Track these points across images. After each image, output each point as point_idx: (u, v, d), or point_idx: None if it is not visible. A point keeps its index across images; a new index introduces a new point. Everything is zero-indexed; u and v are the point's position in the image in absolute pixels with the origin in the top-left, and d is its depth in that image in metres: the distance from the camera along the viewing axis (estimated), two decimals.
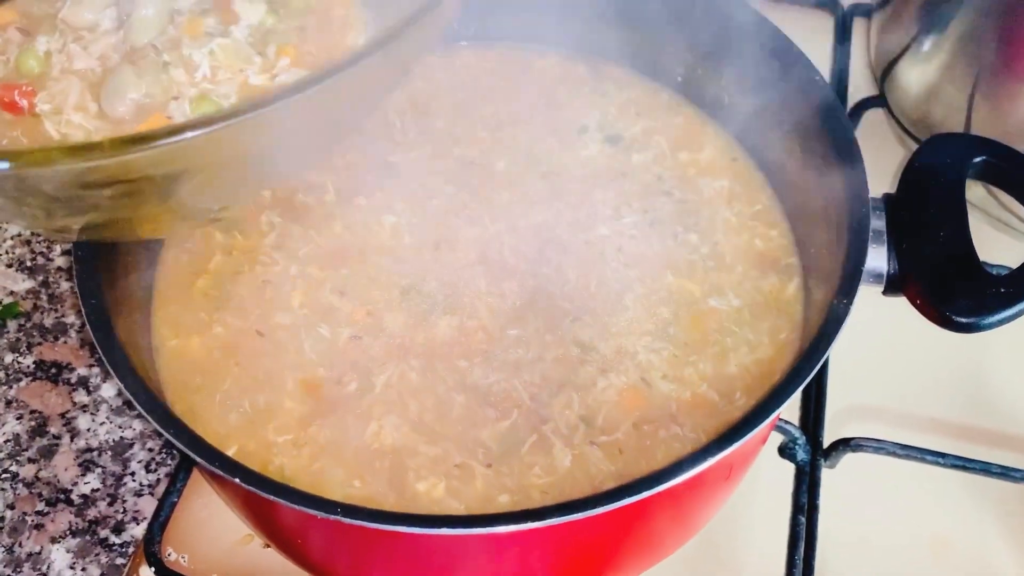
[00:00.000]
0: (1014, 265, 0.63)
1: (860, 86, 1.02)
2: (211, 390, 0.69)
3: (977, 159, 0.64)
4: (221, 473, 0.55)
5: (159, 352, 0.71)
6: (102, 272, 0.67)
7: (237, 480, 0.55)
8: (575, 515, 0.52)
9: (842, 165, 0.67)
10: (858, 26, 1.07)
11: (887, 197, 0.65)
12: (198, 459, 0.57)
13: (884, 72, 0.96)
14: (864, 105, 0.99)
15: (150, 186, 0.52)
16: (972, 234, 0.63)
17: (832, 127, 0.69)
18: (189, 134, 0.46)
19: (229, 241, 0.76)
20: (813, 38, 1.04)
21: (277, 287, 0.74)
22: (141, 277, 0.72)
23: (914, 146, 0.93)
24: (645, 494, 0.54)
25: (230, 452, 0.65)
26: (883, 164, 0.91)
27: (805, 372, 0.58)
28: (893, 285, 0.63)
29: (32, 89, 0.58)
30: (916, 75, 0.90)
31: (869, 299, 0.64)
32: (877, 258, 0.62)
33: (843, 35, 1.06)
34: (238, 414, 0.67)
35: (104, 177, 0.49)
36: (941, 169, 0.63)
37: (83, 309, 0.63)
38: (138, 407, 0.59)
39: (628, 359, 0.70)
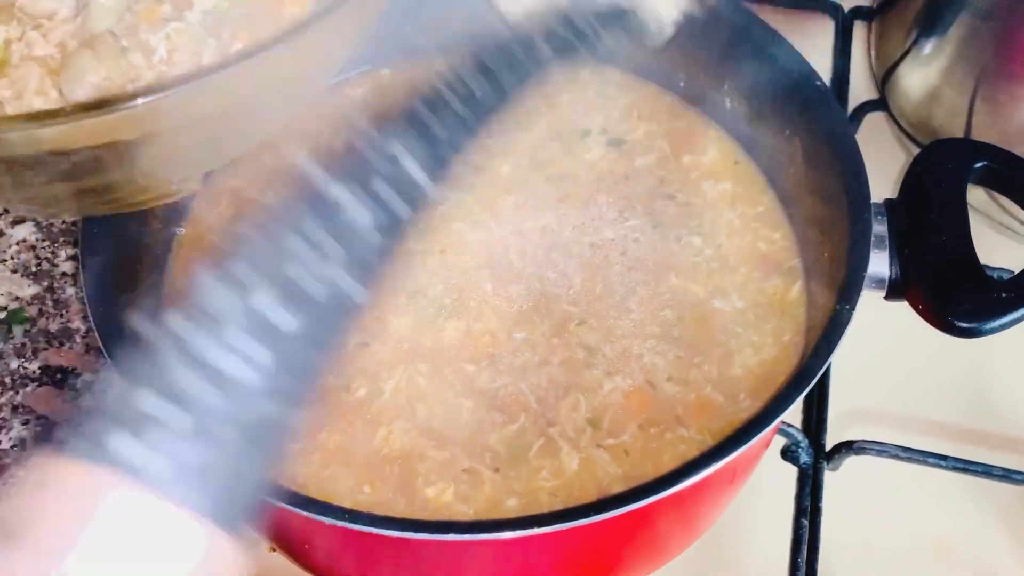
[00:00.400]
0: (1016, 269, 0.63)
1: (861, 89, 1.02)
2: None
3: (978, 164, 0.64)
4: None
5: None
6: (109, 281, 0.67)
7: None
8: (581, 521, 0.53)
9: (843, 170, 0.67)
10: (859, 29, 1.07)
11: (888, 202, 0.65)
12: None
13: (885, 76, 0.97)
14: (865, 108, 0.99)
15: (112, 153, 0.54)
16: (974, 238, 0.63)
17: (833, 132, 0.70)
18: (141, 100, 0.49)
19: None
20: (814, 41, 1.05)
21: None
22: (148, 286, 0.73)
23: (915, 150, 0.93)
24: (651, 499, 0.54)
25: None
26: (884, 168, 0.91)
27: (808, 378, 0.58)
28: (895, 290, 0.63)
29: None
30: (917, 79, 0.91)
31: (872, 303, 0.65)
32: (879, 263, 0.63)
33: (844, 39, 1.06)
34: None
35: (66, 144, 0.51)
36: (942, 174, 0.64)
37: (90, 316, 0.63)
38: None
39: (633, 361, 0.70)
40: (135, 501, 0.35)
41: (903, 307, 0.65)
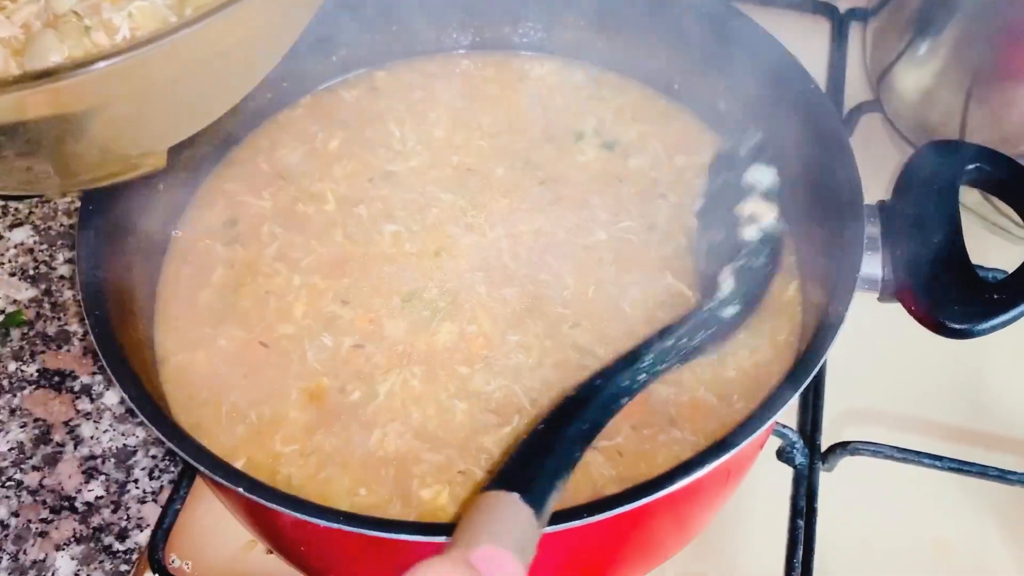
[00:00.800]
0: (1009, 269, 0.63)
1: (857, 90, 1.02)
2: (217, 403, 0.69)
3: (970, 166, 0.64)
4: (226, 483, 0.56)
5: (164, 366, 0.72)
6: (105, 284, 0.67)
7: (241, 490, 0.55)
8: (576, 522, 0.53)
9: (837, 172, 0.67)
10: (854, 31, 1.08)
11: (882, 204, 0.65)
12: (203, 470, 0.57)
13: (880, 77, 0.97)
14: (860, 110, 1.00)
15: (70, 123, 0.55)
16: (968, 239, 0.63)
17: (827, 134, 0.70)
18: (93, 67, 0.50)
19: (231, 254, 0.77)
20: (810, 43, 1.06)
21: (280, 298, 0.74)
22: (143, 289, 0.73)
23: (910, 151, 0.93)
24: (645, 500, 0.54)
25: (239, 464, 0.66)
26: (879, 169, 0.91)
27: (801, 379, 0.58)
28: (888, 291, 0.63)
29: None
30: (911, 80, 0.91)
31: (867, 304, 0.65)
32: (872, 265, 0.63)
33: (839, 40, 1.06)
34: (245, 426, 0.68)
35: (22, 115, 0.52)
36: (935, 176, 0.64)
37: (87, 320, 0.64)
38: (147, 422, 0.59)
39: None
40: None
41: (898, 309, 0.65)
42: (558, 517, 0.53)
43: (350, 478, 0.65)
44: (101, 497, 0.80)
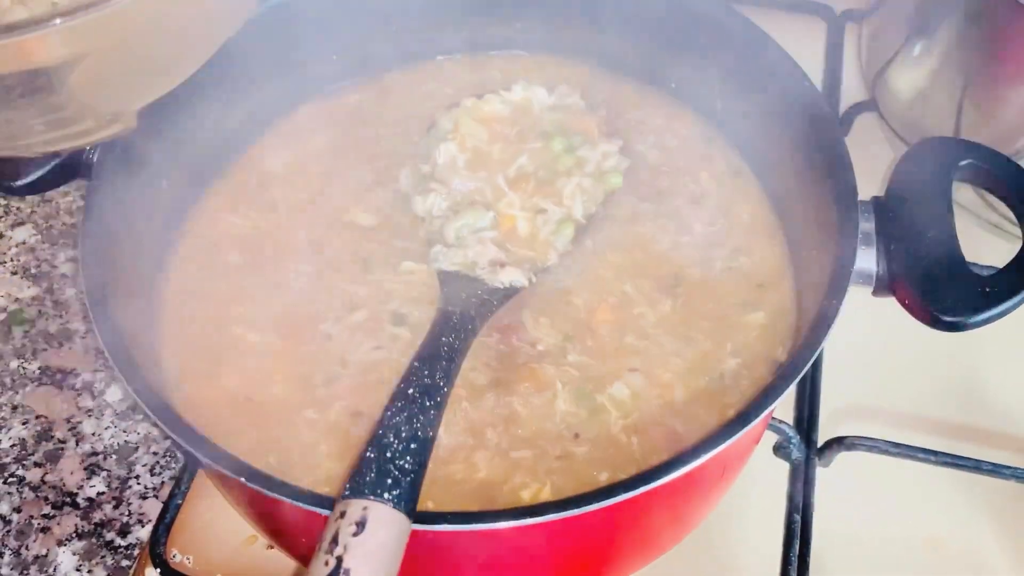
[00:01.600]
0: (1002, 265, 0.64)
1: (853, 90, 1.03)
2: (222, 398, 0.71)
3: (963, 162, 0.65)
4: (228, 473, 0.57)
5: (167, 361, 0.73)
6: (108, 278, 0.68)
7: (242, 479, 0.56)
8: (572, 511, 0.54)
9: (831, 169, 0.68)
10: (850, 31, 1.09)
11: (876, 200, 0.66)
12: (205, 460, 0.58)
13: (875, 77, 0.97)
14: (856, 109, 1.01)
15: (39, 77, 0.57)
16: (963, 236, 0.64)
17: (822, 133, 0.71)
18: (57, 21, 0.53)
19: (238, 245, 0.78)
20: (806, 43, 1.07)
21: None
22: (146, 283, 0.74)
23: (905, 150, 0.94)
24: (639, 490, 0.55)
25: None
26: (875, 167, 0.92)
27: (794, 373, 0.59)
28: (882, 286, 0.64)
29: None
30: (906, 80, 0.92)
31: (863, 300, 0.66)
32: (866, 260, 0.63)
33: (835, 40, 1.07)
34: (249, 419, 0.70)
35: None
36: (928, 172, 0.65)
37: (90, 313, 0.64)
38: (151, 415, 0.60)
39: (626, 355, 0.71)
40: None
41: (894, 306, 0.65)
42: (554, 507, 0.54)
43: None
44: (103, 493, 0.81)
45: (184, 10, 0.62)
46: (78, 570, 0.77)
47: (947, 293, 0.60)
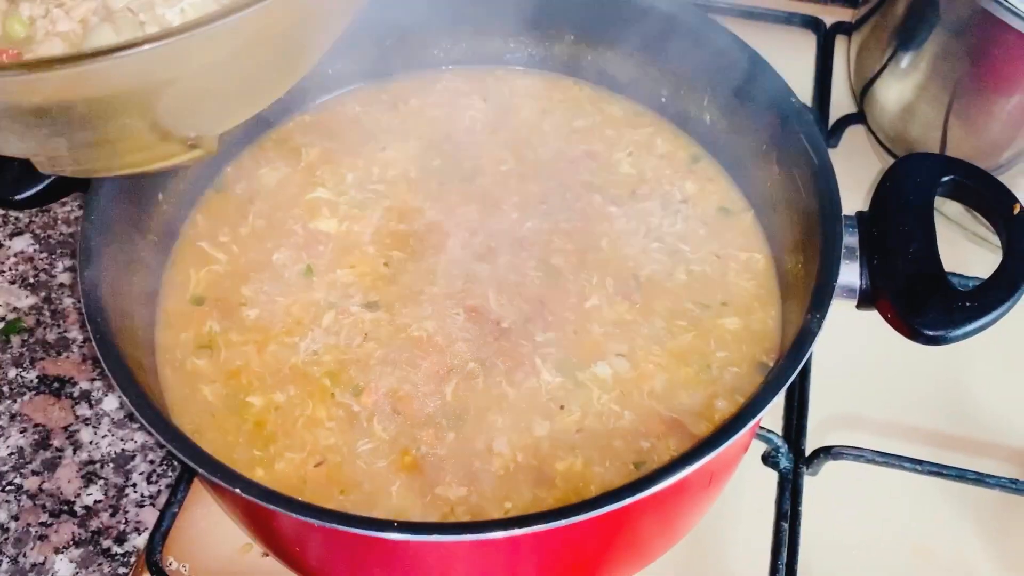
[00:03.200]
0: (986, 276, 0.65)
1: (843, 102, 1.04)
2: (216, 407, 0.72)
3: (946, 178, 0.66)
4: (223, 484, 0.58)
5: (163, 370, 0.74)
6: (106, 290, 0.69)
7: (237, 491, 0.57)
8: (562, 521, 0.55)
9: (817, 185, 0.69)
10: (840, 44, 1.10)
11: (860, 215, 0.67)
12: (201, 471, 0.59)
13: (863, 90, 0.99)
14: (845, 122, 1.02)
15: (124, 103, 0.57)
16: (949, 248, 0.65)
17: (807, 147, 0.71)
18: (146, 46, 0.53)
19: (230, 258, 0.79)
20: (796, 55, 1.08)
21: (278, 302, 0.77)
22: (144, 295, 0.75)
23: (892, 162, 0.95)
24: (628, 500, 0.56)
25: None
26: (862, 180, 0.93)
27: (777, 385, 0.60)
28: (865, 299, 0.65)
29: (19, 52, 0.62)
30: (894, 94, 0.93)
31: (849, 313, 0.67)
32: (850, 274, 0.65)
33: (825, 53, 1.08)
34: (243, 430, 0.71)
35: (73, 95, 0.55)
36: (912, 188, 0.66)
37: (88, 325, 0.65)
38: (147, 426, 0.61)
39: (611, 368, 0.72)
40: None
41: (879, 318, 0.66)
42: (542, 517, 0.55)
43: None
44: (100, 501, 0.82)
45: (287, 27, 0.61)
46: None
47: (928, 308, 0.61)
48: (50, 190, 0.70)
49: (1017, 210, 0.63)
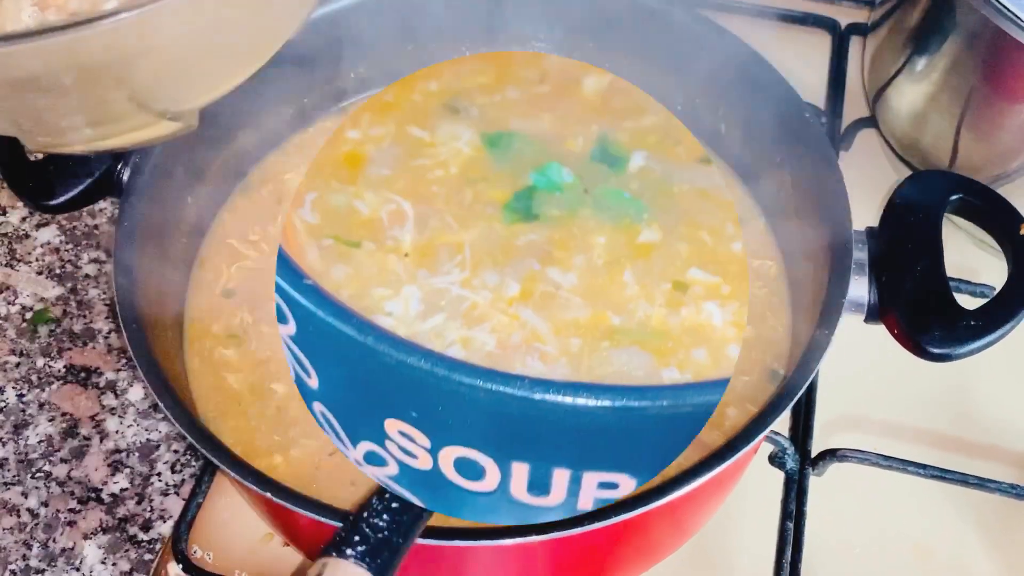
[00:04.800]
0: (997, 283, 0.67)
1: (856, 106, 1.04)
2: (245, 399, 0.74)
3: (954, 196, 0.68)
4: (238, 478, 0.60)
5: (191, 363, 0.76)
6: (137, 285, 0.71)
7: (269, 495, 0.59)
8: (576, 530, 0.57)
9: (827, 200, 0.70)
10: (855, 45, 1.08)
11: (870, 231, 0.68)
12: (223, 468, 0.61)
13: (876, 95, 0.99)
14: (857, 125, 1.02)
15: (103, 72, 0.57)
16: (959, 255, 0.67)
17: (818, 162, 0.73)
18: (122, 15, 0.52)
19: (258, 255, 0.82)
20: (811, 57, 1.07)
21: None
22: (175, 288, 0.77)
23: (903, 170, 0.96)
24: (644, 508, 0.58)
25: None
26: (874, 186, 0.94)
27: (786, 400, 0.62)
28: (873, 315, 0.66)
29: None
30: (906, 101, 0.93)
31: (856, 321, 0.68)
32: (859, 289, 0.66)
33: (840, 54, 1.08)
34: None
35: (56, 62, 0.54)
36: (920, 205, 0.67)
37: (122, 325, 0.67)
38: (184, 431, 0.63)
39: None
40: None
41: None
42: (557, 526, 0.57)
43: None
44: (126, 489, 0.84)
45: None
46: (103, 563, 0.81)
47: (934, 326, 0.63)
48: (84, 194, 0.72)
49: (1023, 230, 0.65)
